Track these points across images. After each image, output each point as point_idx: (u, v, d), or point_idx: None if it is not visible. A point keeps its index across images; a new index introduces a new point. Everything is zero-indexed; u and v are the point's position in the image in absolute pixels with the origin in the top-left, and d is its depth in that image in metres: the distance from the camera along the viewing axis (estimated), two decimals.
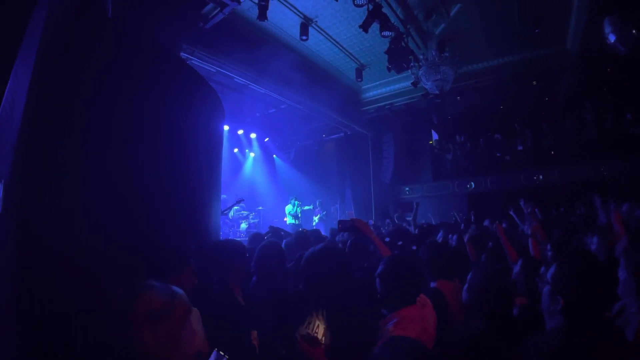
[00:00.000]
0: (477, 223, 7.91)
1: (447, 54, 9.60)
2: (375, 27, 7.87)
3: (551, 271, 1.64)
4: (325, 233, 6.21)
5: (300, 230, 5.21)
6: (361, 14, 7.80)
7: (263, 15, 7.30)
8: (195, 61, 8.04)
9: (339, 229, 3.18)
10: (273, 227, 5.23)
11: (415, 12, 9.01)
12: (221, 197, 9.58)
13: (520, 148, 12.68)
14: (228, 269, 2.49)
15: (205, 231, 3.31)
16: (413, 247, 4.52)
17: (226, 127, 12.06)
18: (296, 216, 11.93)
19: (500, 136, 13.09)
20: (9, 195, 1.33)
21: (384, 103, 13.20)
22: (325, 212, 13.10)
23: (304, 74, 10.82)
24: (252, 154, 15.12)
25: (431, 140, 15.47)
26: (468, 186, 13.05)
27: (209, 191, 3.53)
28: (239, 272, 2.62)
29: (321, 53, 10.67)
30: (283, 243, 4.00)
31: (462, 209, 11.77)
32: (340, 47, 10.36)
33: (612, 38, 6.95)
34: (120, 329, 1.25)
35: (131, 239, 2.16)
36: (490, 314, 1.98)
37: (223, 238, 5.31)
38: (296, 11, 8.56)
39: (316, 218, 12.74)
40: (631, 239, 3.10)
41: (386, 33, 7.97)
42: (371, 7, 7.50)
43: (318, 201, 13.22)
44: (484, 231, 5.84)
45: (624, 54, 7.07)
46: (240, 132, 13.82)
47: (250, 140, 14.67)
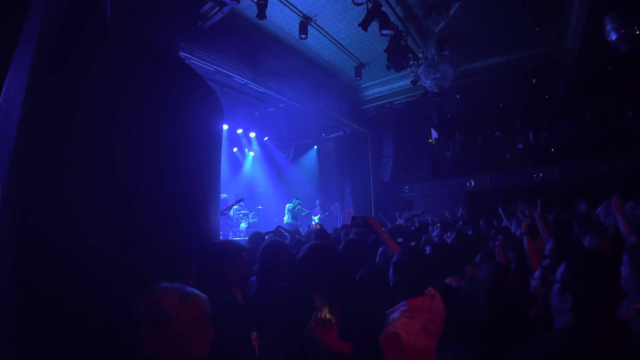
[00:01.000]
0: (473, 221, 7.95)
1: (447, 53, 9.59)
2: (374, 26, 7.84)
3: (560, 270, 1.64)
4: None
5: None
6: (360, 13, 7.78)
7: (262, 14, 7.28)
8: (194, 60, 8.01)
9: (352, 225, 3.36)
10: (279, 228, 5.27)
11: (414, 11, 8.98)
12: (222, 197, 9.65)
13: (520, 146, 12.65)
14: (227, 270, 2.50)
15: (205, 231, 3.30)
16: (412, 243, 4.56)
17: (225, 126, 12.06)
18: (295, 216, 11.89)
19: (500, 134, 13.07)
20: (7, 200, 1.32)
21: (384, 101, 13.18)
22: (327, 213, 13.09)
23: (303, 73, 10.79)
24: (252, 153, 15.11)
25: (431, 138, 15.45)
26: (468, 184, 13.02)
27: (209, 191, 3.52)
28: (239, 273, 2.63)
29: (320, 52, 10.64)
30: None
31: (462, 208, 11.76)
32: (339, 46, 10.33)
33: (614, 36, 6.90)
34: (126, 330, 1.24)
35: (130, 240, 2.16)
36: (494, 310, 2.01)
37: (223, 238, 5.32)
38: (295, 10, 8.53)
39: (316, 218, 12.72)
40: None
41: (385, 31, 7.94)
42: (370, 6, 7.47)
43: (317, 201, 13.21)
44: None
45: (625, 52, 7.04)
46: (239, 131, 13.80)
47: (249, 139, 14.66)
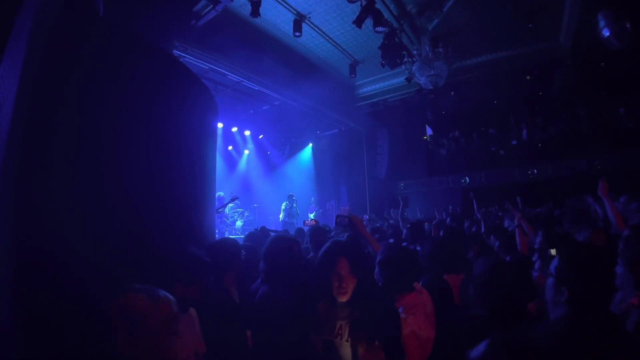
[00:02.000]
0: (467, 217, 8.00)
1: (441, 50, 9.61)
2: (368, 23, 7.84)
3: (554, 263, 1.66)
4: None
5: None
6: (354, 10, 7.78)
7: (256, 12, 7.26)
8: (188, 59, 7.98)
9: (336, 224, 3.28)
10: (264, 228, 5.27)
11: (408, 8, 8.99)
12: (219, 195, 9.61)
13: (514, 143, 12.73)
14: (224, 269, 2.50)
15: (200, 229, 3.29)
16: (403, 244, 4.55)
17: (220, 125, 12.01)
18: (290, 213, 11.87)
19: (494, 131, 13.14)
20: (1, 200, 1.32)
21: (378, 99, 13.22)
22: (321, 210, 13.09)
23: (298, 71, 10.79)
24: (247, 151, 15.08)
25: (425, 135, 15.50)
26: (463, 181, 13.08)
27: (203, 189, 3.51)
28: (235, 272, 2.63)
29: (315, 49, 10.63)
30: None
31: (457, 204, 11.82)
32: (333, 43, 10.32)
33: (606, 32, 6.95)
34: (99, 331, 1.24)
35: (122, 239, 2.15)
36: (494, 304, 2.01)
37: (219, 237, 5.31)
38: (289, 7, 8.51)
39: (311, 215, 12.73)
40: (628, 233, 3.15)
41: (380, 29, 7.93)
42: (364, 3, 7.47)
43: (312, 198, 13.21)
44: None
45: (618, 49, 7.08)
46: (234, 130, 13.76)
47: (244, 137, 14.62)
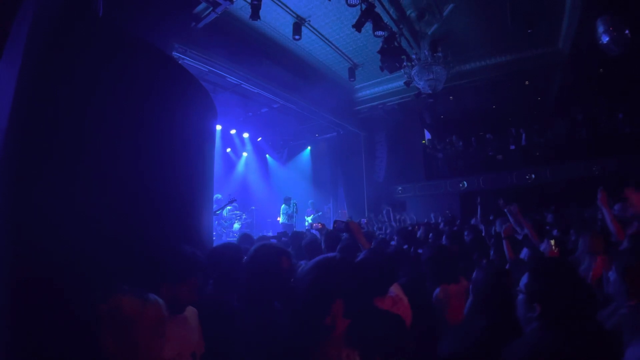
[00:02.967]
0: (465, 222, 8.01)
1: (440, 54, 9.63)
2: (368, 27, 7.86)
3: (524, 280, 1.68)
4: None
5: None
6: (354, 14, 7.79)
7: (256, 15, 7.26)
8: (187, 60, 7.98)
9: (334, 229, 3.26)
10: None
11: (408, 12, 9.02)
12: (216, 198, 9.60)
13: (512, 147, 12.76)
14: (224, 273, 2.51)
15: (197, 233, 3.28)
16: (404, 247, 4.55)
17: (218, 127, 12.00)
18: (291, 215, 11.90)
19: (492, 136, 13.17)
20: None
21: (377, 102, 13.23)
22: (320, 213, 13.09)
23: (297, 74, 10.82)
24: (245, 154, 15.07)
25: (424, 139, 15.52)
26: (461, 185, 13.10)
27: (201, 191, 3.49)
28: (235, 276, 2.63)
29: (314, 52, 10.64)
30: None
31: (455, 208, 11.84)
32: (333, 47, 10.34)
33: (605, 38, 6.97)
34: (87, 332, 1.24)
35: (119, 240, 2.13)
36: (493, 312, 2.01)
37: (218, 240, 5.28)
38: (289, 10, 8.53)
39: (309, 218, 12.73)
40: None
41: (379, 33, 7.97)
42: (364, 7, 7.49)
43: (310, 202, 13.22)
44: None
45: (617, 55, 7.11)
46: (232, 132, 13.77)
47: (242, 139, 14.62)
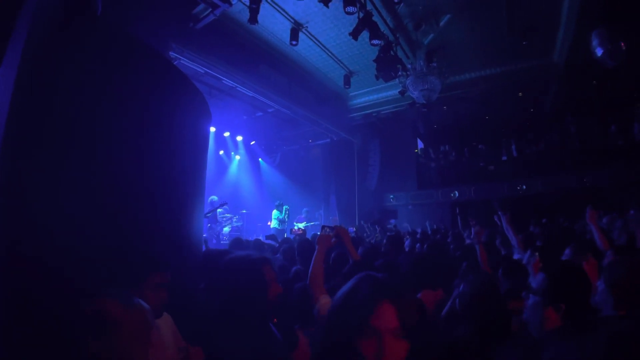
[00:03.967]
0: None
1: (435, 64, 9.72)
2: (364, 35, 7.90)
3: (539, 284, 1.71)
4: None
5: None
6: (351, 22, 7.83)
7: (254, 18, 7.26)
8: (184, 61, 7.94)
9: (321, 235, 3.26)
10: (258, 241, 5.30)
11: (405, 22, 9.10)
12: (212, 200, 9.54)
13: (504, 158, 12.88)
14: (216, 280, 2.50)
15: (188, 234, 3.24)
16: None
17: (212, 129, 11.96)
18: (283, 221, 11.88)
19: (484, 146, 13.30)
20: None
21: (371, 110, 13.28)
22: (312, 223, 13.08)
23: (293, 79, 10.84)
24: (238, 157, 15.02)
25: (417, 148, 15.61)
26: (452, 195, 13.18)
27: (193, 193, 3.46)
28: None
29: (310, 58, 10.67)
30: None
31: (446, 218, 11.90)
32: (329, 54, 10.38)
33: (600, 51, 7.04)
34: (70, 335, 1.22)
35: (108, 242, 2.10)
36: (479, 320, 1.99)
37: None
38: (287, 16, 8.55)
39: (301, 225, 12.71)
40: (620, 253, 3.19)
41: (375, 41, 8.00)
42: (362, 15, 7.53)
43: (305, 209, 13.20)
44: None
45: (611, 67, 7.19)
46: (226, 134, 13.70)
47: (236, 142, 14.55)
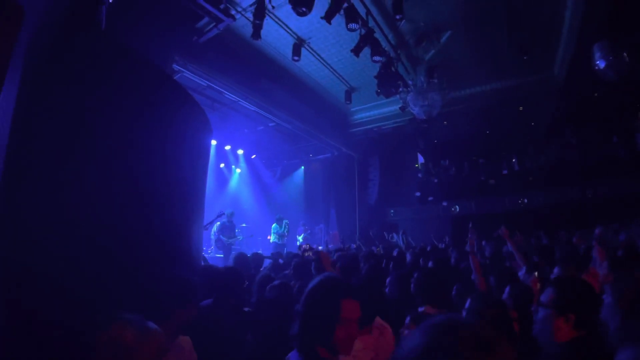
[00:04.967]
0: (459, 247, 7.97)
1: (436, 80, 9.77)
2: (366, 52, 7.97)
3: (549, 297, 1.78)
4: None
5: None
6: (353, 38, 7.91)
7: (257, 34, 7.32)
8: (186, 74, 8.01)
9: (302, 254, 3.54)
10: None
11: (406, 38, 9.18)
12: (227, 212, 9.64)
13: (505, 172, 12.85)
14: (225, 297, 2.58)
15: (188, 250, 3.21)
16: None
17: (213, 142, 11.98)
18: (282, 235, 11.82)
19: (485, 160, 13.28)
20: None
21: (372, 126, 13.33)
22: (309, 232, 13.03)
23: (294, 94, 10.91)
24: (238, 170, 15.03)
25: (417, 163, 15.63)
26: (453, 209, 13.12)
27: (193, 208, 3.44)
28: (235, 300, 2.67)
29: (312, 74, 10.75)
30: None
31: (447, 232, 11.82)
32: (331, 69, 10.45)
33: (602, 64, 7.07)
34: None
35: (109, 256, 2.07)
36: None
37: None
38: (290, 31, 8.63)
39: (300, 237, 12.66)
40: (615, 266, 3.20)
41: (377, 58, 8.07)
42: (364, 32, 7.61)
43: (301, 223, 13.18)
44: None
45: (613, 80, 7.20)
46: (227, 148, 13.74)
47: (237, 156, 14.58)
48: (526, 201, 11.98)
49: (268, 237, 12.31)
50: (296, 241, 12.75)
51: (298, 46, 8.87)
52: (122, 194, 2.34)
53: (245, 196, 15.00)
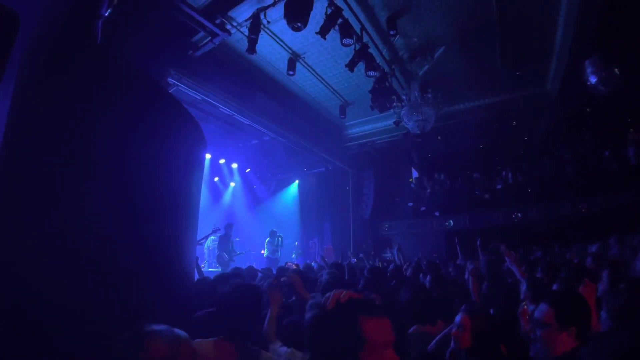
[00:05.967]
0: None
1: (430, 95, 9.86)
2: (360, 67, 8.03)
3: (542, 312, 1.80)
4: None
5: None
6: (348, 53, 7.99)
7: (252, 49, 7.36)
8: (182, 87, 8.01)
9: (275, 279, 3.13)
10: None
11: (400, 53, 9.29)
12: (220, 233, 9.55)
13: (499, 187, 12.88)
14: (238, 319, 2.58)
15: (180, 266, 3.15)
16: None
17: (208, 156, 11.96)
18: (276, 250, 11.72)
19: (479, 175, 13.33)
20: None
21: (366, 140, 13.39)
22: (301, 251, 13.00)
23: (289, 108, 10.95)
24: (233, 184, 14.97)
25: (411, 177, 15.66)
26: (447, 224, 13.10)
27: (186, 223, 3.39)
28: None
29: (307, 88, 10.82)
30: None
31: (441, 247, 11.79)
32: (325, 84, 10.53)
33: (593, 79, 7.20)
34: None
35: (99, 270, 2.03)
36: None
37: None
38: (285, 46, 8.71)
39: (294, 255, 12.60)
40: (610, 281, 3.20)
41: (371, 73, 8.14)
42: (358, 47, 7.69)
43: (296, 243, 13.14)
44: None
45: (604, 94, 7.32)
46: (221, 161, 13.71)
47: (231, 169, 14.55)
48: (520, 215, 12.00)
49: (262, 252, 12.21)
50: (292, 256, 12.68)
51: (293, 61, 8.93)
52: (116, 207, 2.30)
53: (239, 210, 14.91)
